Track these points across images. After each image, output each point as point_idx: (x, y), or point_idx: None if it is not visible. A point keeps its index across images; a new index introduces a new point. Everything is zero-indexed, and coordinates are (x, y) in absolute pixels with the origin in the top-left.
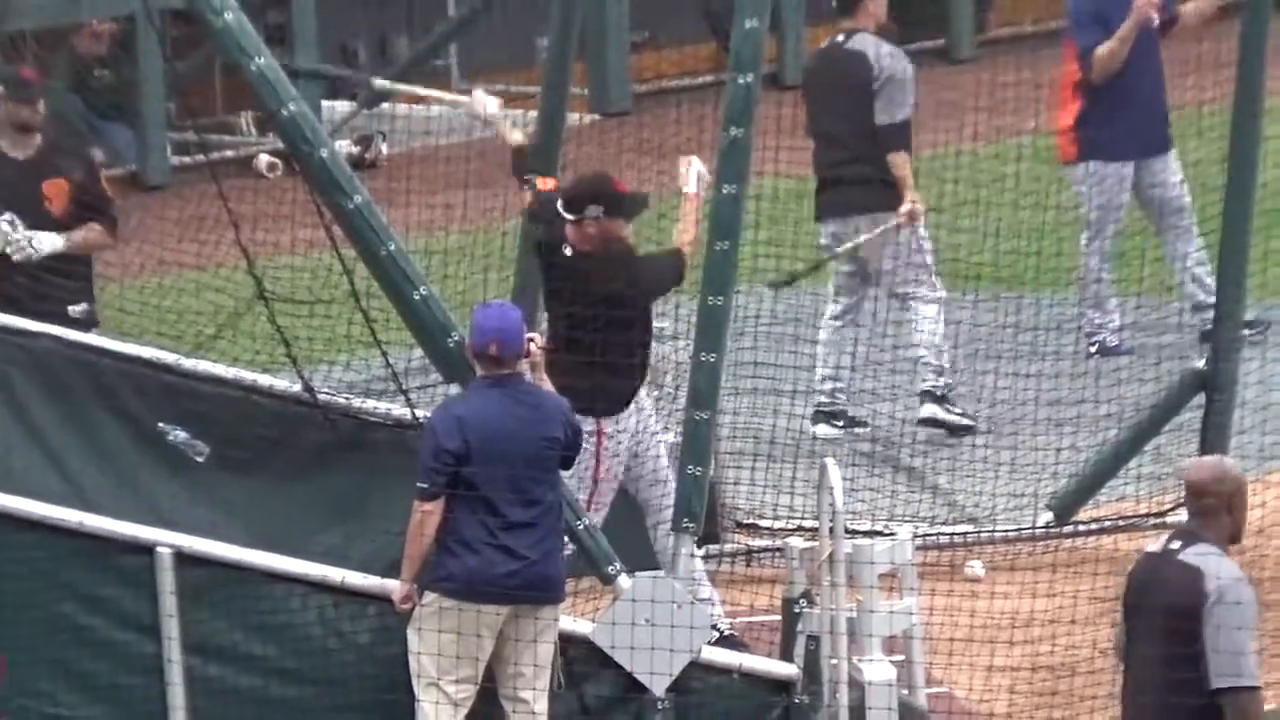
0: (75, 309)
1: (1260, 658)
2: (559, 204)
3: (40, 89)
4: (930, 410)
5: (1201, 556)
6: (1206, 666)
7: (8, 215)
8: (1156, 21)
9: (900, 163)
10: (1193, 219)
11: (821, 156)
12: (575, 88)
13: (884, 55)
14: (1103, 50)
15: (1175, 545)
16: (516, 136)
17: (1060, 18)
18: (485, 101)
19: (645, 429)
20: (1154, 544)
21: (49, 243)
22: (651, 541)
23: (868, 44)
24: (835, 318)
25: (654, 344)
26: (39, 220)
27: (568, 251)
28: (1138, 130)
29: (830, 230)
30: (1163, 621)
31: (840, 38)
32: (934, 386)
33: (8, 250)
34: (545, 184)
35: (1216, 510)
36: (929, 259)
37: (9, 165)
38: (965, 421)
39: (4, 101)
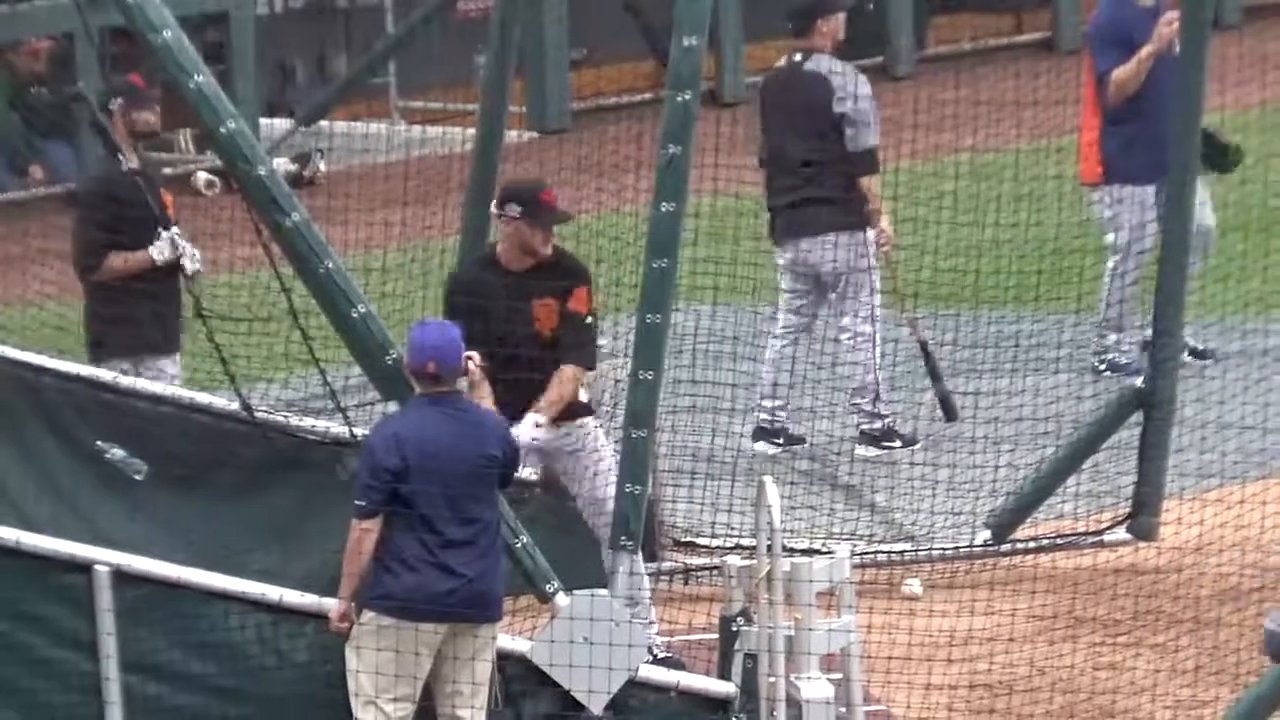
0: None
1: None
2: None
3: (156, 94)
4: (870, 453)
5: None
6: None
7: (176, 229)
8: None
9: (874, 187)
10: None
11: (776, 179)
12: (513, 105)
13: (845, 78)
14: (1120, 73)
15: None
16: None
17: (998, 36)
18: None
19: (585, 447)
20: None
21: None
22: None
23: (825, 66)
24: (780, 336)
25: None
26: (157, 225)
27: (504, 270)
28: (1159, 152)
29: (788, 255)
30: None
31: (797, 58)
32: (871, 430)
33: (183, 260)
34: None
35: None
36: (871, 298)
37: (129, 174)
38: (910, 445)
39: (127, 111)
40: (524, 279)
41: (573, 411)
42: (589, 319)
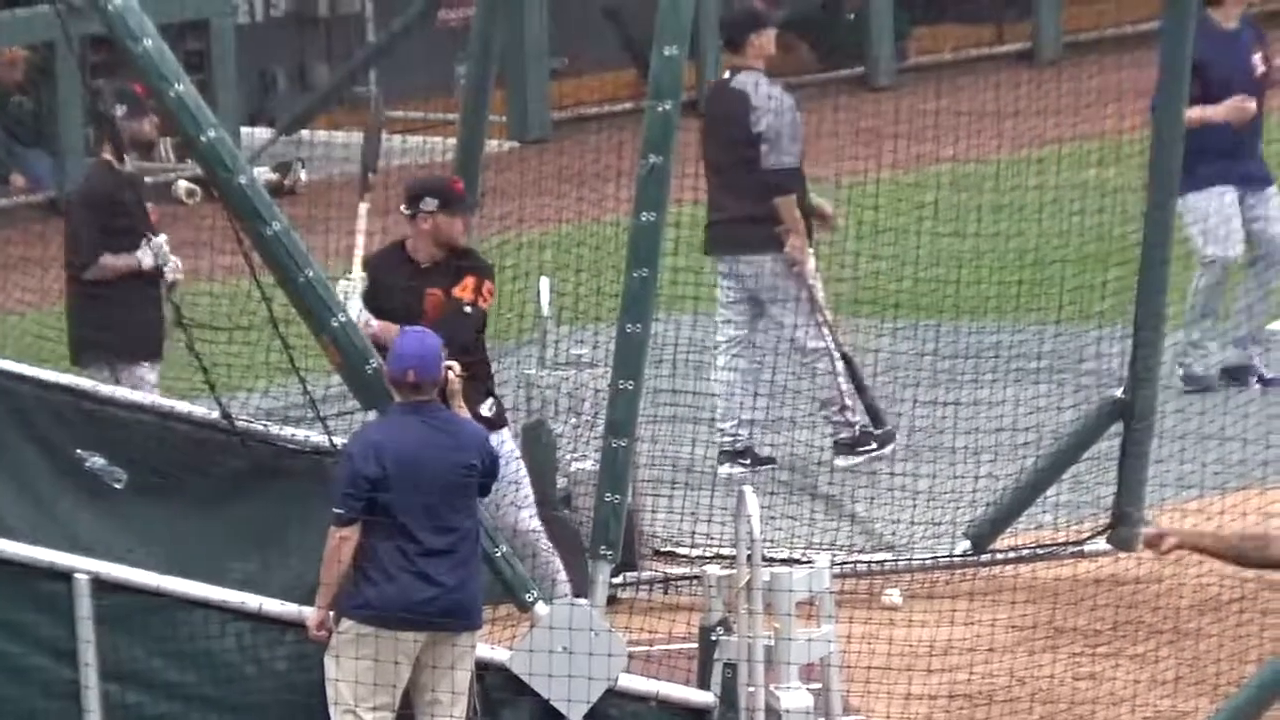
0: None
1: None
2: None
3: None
4: (848, 462)
5: None
6: None
7: (164, 237)
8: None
9: (786, 206)
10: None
11: (710, 192)
12: (494, 114)
13: (765, 96)
14: (1192, 115)
15: None
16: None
17: (979, 46)
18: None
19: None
20: None
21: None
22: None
23: (749, 83)
24: (724, 350)
25: (571, 368)
26: (147, 233)
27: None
28: (1230, 164)
29: (721, 268)
30: None
31: (727, 74)
32: (844, 439)
33: (165, 268)
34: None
35: None
36: (816, 312)
37: (127, 180)
38: (887, 446)
39: (128, 120)
40: (426, 272)
41: (482, 420)
42: (467, 307)
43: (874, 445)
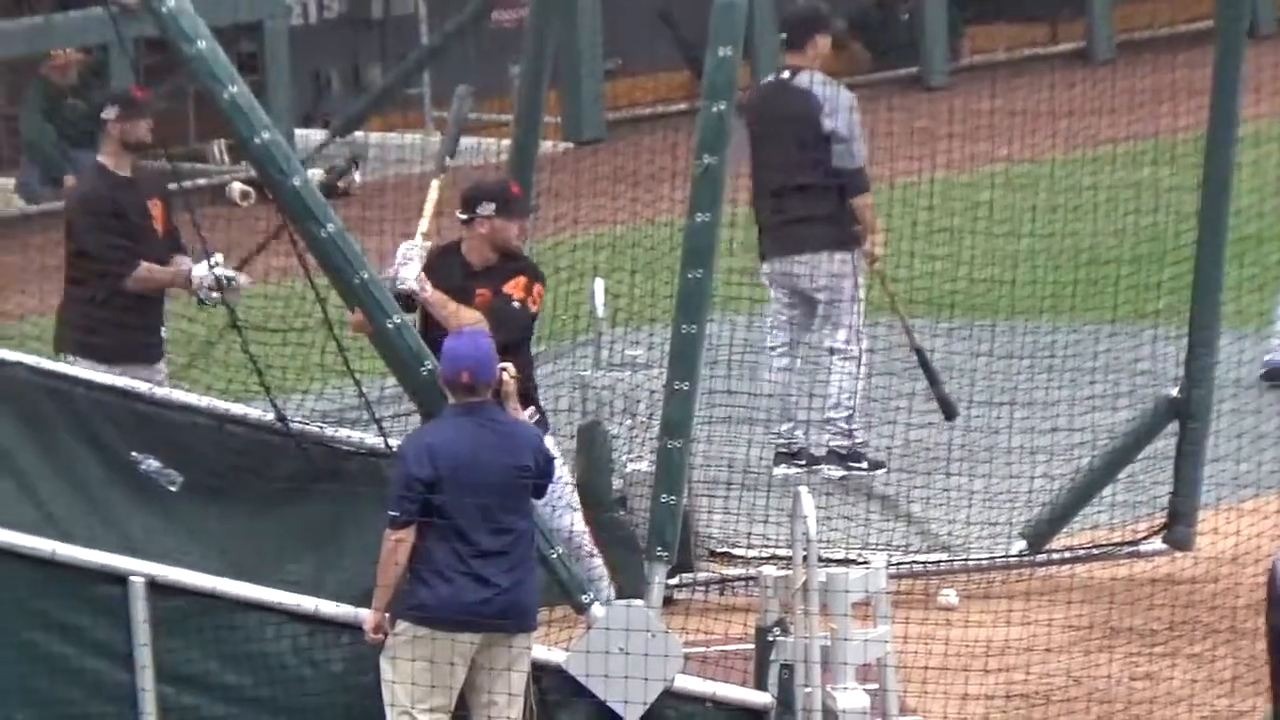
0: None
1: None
2: (457, 210)
3: (151, 106)
4: (837, 472)
5: None
6: None
7: (219, 258)
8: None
9: (864, 205)
10: None
11: (762, 195)
12: (548, 116)
13: (833, 94)
14: None
15: None
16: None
17: (1032, 46)
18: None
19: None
20: None
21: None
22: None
23: (813, 82)
24: (776, 354)
25: (627, 369)
26: (150, 238)
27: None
28: None
29: (775, 271)
30: None
31: (785, 74)
32: (840, 447)
33: (211, 295)
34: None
35: None
36: (857, 318)
37: (124, 183)
38: (876, 470)
39: (120, 121)
40: (479, 275)
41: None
42: (515, 303)
43: (864, 465)
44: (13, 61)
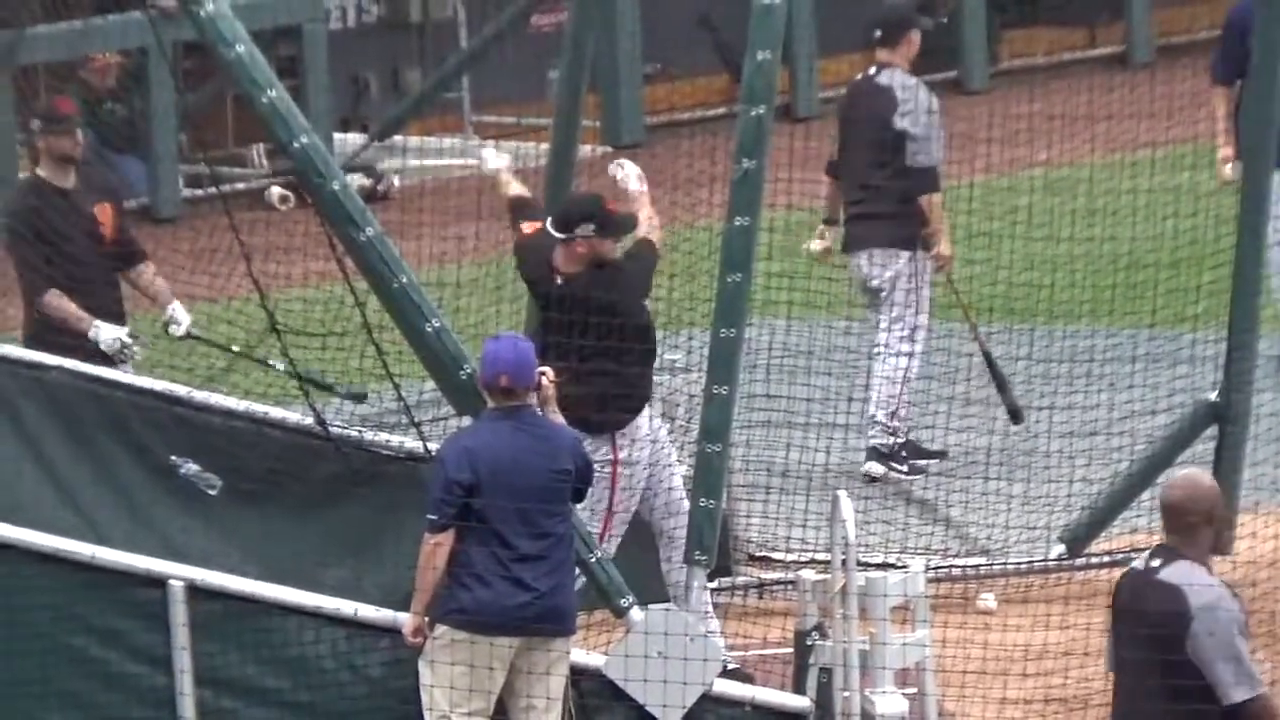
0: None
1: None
2: (550, 224)
3: (77, 120)
4: (877, 469)
5: (1182, 574)
6: (1216, 685)
7: (127, 331)
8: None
9: (934, 205)
10: None
11: (845, 192)
12: (587, 120)
13: (912, 94)
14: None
15: (1155, 563)
16: (514, 189)
17: (1071, 50)
18: (487, 157)
19: (659, 462)
20: (1138, 561)
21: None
22: (664, 573)
23: (896, 80)
24: (880, 357)
25: (666, 373)
26: (90, 247)
27: (558, 280)
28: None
29: (847, 265)
30: (1147, 641)
31: (872, 70)
32: (881, 444)
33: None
34: (529, 228)
35: (1196, 526)
36: (914, 317)
37: (59, 195)
38: (916, 473)
39: (44, 135)
40: (574, 287)
41: (587, 423)
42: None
43: (905, 468)
44: (53, 66)
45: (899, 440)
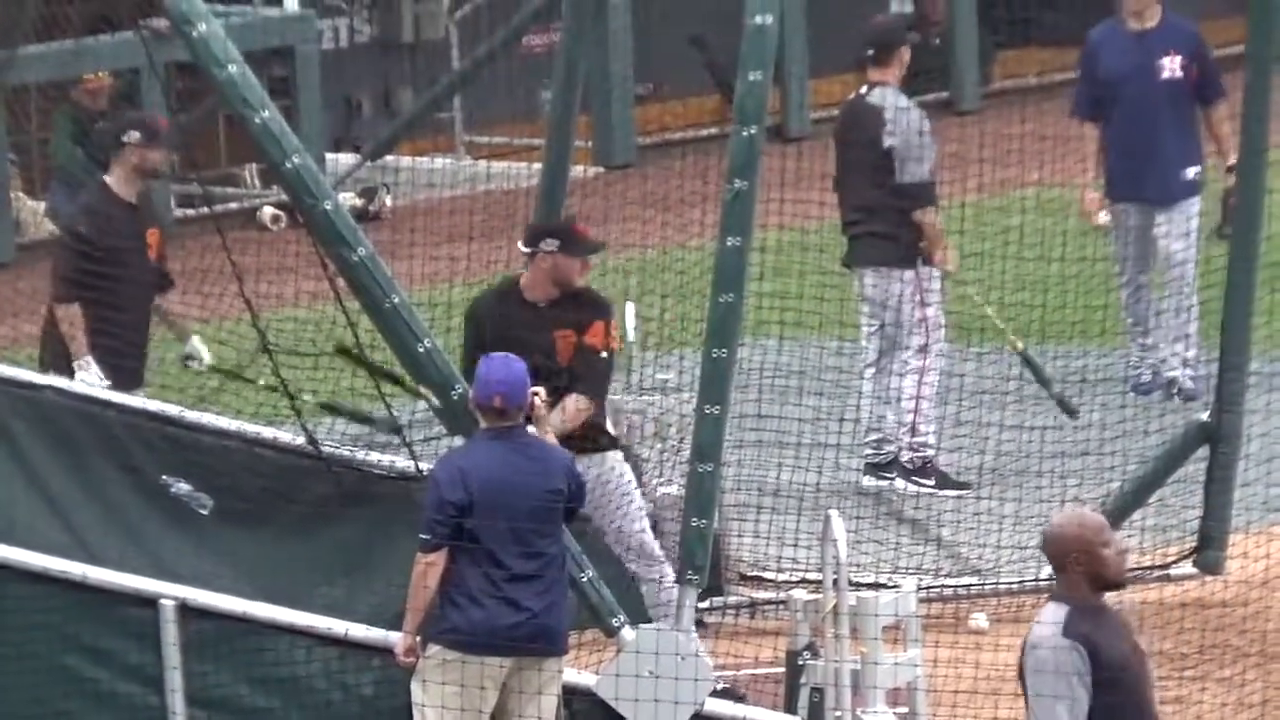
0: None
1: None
2: (520, 243)
3: (172, 138)
4: (902, 485)
5: (1043, 611)
6: None
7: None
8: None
9: (927, 218)
10: (1190, 285)
11: (843, 209)
12: (579, 140)
13: (900, 112)
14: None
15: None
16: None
17: (1064, 71)
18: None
19: (609, 481)
20: None
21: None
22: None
23: (886, 98)
24: (870, 366)
25: (658, 393)
26: (141, 264)
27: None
28: (1131, 176)
29: (855, 283)
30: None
31: (864, 89)
32: (908, 461)
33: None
34: None
35: (1062, 567)
36: (937, 333)
37: (125, 208)
38: (946, 489)
39: (140, 147)
40: (545, 311)
41: (597, 444)
42: (603, 354)
43: (931, 482)
44: (44, 86)
45: (923, 455)
